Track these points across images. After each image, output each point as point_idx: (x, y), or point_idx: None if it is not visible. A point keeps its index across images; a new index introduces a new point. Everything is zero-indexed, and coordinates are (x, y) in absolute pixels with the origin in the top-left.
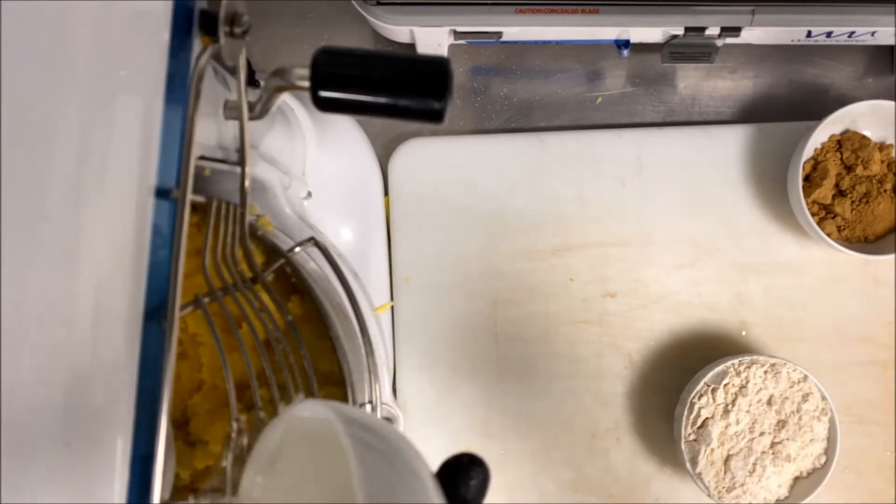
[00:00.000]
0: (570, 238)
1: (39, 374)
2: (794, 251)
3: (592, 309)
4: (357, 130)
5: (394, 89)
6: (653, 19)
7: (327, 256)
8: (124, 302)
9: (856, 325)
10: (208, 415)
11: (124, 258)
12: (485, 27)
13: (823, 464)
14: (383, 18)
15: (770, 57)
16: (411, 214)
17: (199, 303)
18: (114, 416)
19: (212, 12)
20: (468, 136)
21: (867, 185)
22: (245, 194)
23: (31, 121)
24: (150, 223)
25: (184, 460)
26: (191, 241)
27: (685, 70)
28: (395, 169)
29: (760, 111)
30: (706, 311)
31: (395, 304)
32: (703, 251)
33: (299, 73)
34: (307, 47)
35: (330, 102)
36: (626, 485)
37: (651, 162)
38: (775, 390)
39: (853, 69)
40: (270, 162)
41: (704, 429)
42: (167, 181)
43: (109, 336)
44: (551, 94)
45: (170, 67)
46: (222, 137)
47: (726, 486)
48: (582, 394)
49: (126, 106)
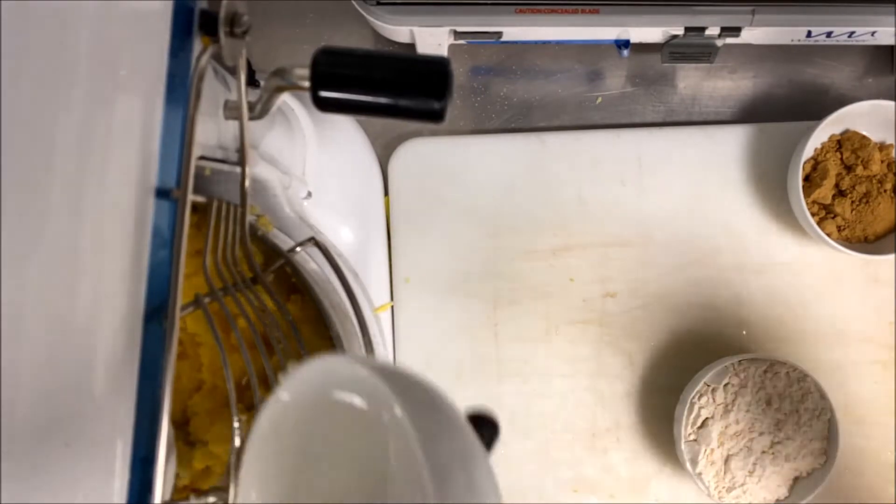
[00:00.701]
0: (570, 238)
1: (39, 374)
2: (794, 251)
3: (592, 309)
4: (357, 130)
5: (394, 89)
6: (653, 19)
7: (327, 256)
8: (124, 302)
9: (856, 325)
10: (208, 415)
11: (124, 258)
12: (485, 27)
13: (823, 464)
14: (383, 18)
15: (770, 57)
16: (411, 214)
17: (200, 303)
18: (114, 416)
19: (212, 12)
20: (468, 136)
21: (867, 185)
22: (245, 194)
23: (31, 121)
24: (150, 223)
25: (184, 460)
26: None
27: (685, 70)
28: (395, 169)
29: (760, 111)
30: (706, 311)
31: (395, 304)
32: (703, 251)
33: (299, 73)
34: (307, 47)
35: (330, 102)
36: (626, 485)
37: (651, 162)
38: (775, 390)
39: (853, 69)
40: (270, 162)
41: (704, 429)
42: (167, 181)
43: (109, 336)
44: (551, 94)
45: (170, 67)
46: (222, 137)
47: (726, 486)
48: (582, 394)
49: (126, 106)
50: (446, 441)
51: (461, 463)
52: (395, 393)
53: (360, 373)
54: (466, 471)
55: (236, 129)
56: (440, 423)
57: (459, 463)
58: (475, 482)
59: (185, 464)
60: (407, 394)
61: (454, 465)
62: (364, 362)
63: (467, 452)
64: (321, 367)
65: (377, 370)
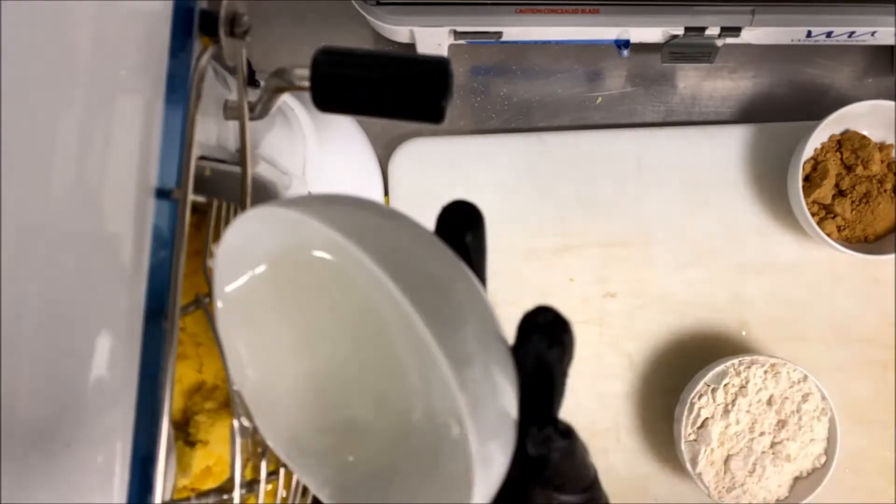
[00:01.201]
0: (570, 238)
1: (39, 374)
2: (794, 251)
3: (592, 309)
4: (357, 130)
5: (394, 89)
6: (653, 19)
7: None
8: (124, 302)
9: (856, 325)
10: (208, 415)
11: (124, 258)
12: (485, 27)
13: (823, 464)
14: (383, 18)
15: (770, 57)
16: (411, 214)
17: (200, 303)
18: (114, 416)
19: (212, 12)
20: (468, 136)
21: (867, 185)
22: (246, 194)
23: (30, 121)
24: (150, 224)
25: (184, 460)
26: (190, 242)
27: (685, 70)
28: (395, 169)
29: (760, 111)
30: (706, 311)
31: None
32: (703, 251)
33: (299, 73)
34: (307, 47)
35: (330, 102)
36: (626, 485)
37: (651, 162)
38: (775, 390)
39: (853, 69)
40: (270, 162)
41: (704, 429)
42: (167, 181)
43: (109, 337)
44: (551, 94)
45: (170, 68)
46: (222, 137)
47: (726, 486)
48: (582, 394)
49: (126, 106)
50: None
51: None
52: (342, 231)
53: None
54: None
55: (236, 130)
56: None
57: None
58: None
59: (185, 464)
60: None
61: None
62: (295, 204)
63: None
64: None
65: (311, 209)
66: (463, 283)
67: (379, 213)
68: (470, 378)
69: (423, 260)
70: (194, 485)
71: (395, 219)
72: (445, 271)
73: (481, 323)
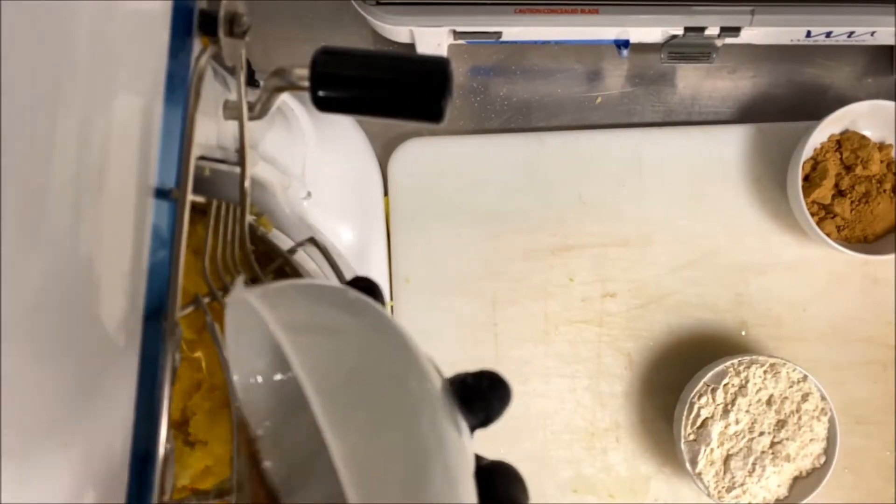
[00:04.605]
0: (570, 238)
1: (39, 374)
2: (794, 251)
3: (592, 309)
4: (357, 130)
5: (394, 89)
6: (653, 19)
7: (327, 256)
8: (124, 302)
9: (856, 325)
10: (208, 415)
11: (124, 258)
12: (485, 27)
13: (823, 464)
14: (383, 18)
15: (769, 57)
16: (411, 214)
17: (200, 303)
18: (113, 416)
19: (212, 12)
20: (468, 136)
21: (867, 185)
22: (245, 194)
23: (30, 121)
24: (149, 223)
25: (184, 460)
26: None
27: (685, 70)
28: (395, 169)
29: (760, 111)
30: (706, 311)
31: (395, 305)
32: (703, 251)
33: (299, 73)
34: (307, 47)
35: (330, 102)
36: (626, 485)
37: (651, 162)
38: (775, 390)
39: (853, 69)
40: (270, 162)
41: (704, 429)
42: (167, 181)
43: (109, 336)
44: (551, 94)
45: (170, 68)
46: (222, 137)
47: (726, 486)
48: (582, 394)
49: (126, 106)
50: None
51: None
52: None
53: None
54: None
55: (236, 129)
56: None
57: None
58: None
59: (184, 464)
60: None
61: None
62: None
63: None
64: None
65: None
66: (423, 419)
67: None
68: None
69: (368, 388)
70: (193, 485)
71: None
72: (395, 405)
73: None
